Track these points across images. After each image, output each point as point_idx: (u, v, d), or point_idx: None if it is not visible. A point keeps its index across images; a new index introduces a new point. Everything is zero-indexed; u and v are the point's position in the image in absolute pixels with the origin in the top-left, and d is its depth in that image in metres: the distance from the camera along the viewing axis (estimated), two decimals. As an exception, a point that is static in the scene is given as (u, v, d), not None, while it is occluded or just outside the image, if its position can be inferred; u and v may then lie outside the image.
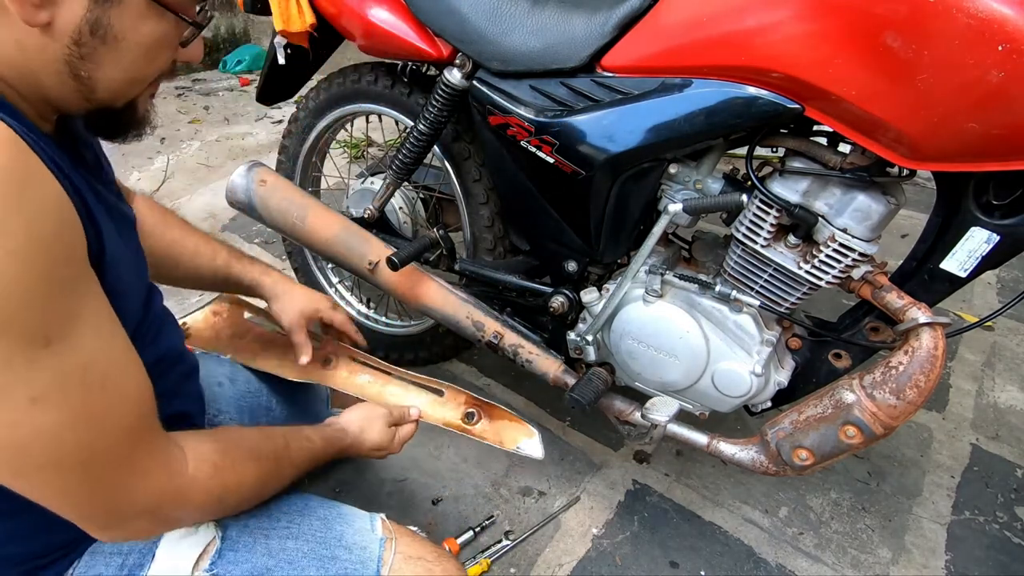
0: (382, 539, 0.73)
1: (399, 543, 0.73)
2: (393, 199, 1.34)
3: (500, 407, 1.05)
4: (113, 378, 0.52)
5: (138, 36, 0.51)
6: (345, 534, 0.73)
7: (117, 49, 0.51)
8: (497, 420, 1.05)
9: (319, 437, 0.81)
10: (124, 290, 0.59)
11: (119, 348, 0.54)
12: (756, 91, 0.81)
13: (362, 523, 0.75)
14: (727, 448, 1.02)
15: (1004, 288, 1.96)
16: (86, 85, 0.52)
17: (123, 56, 0.51)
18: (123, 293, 0.58)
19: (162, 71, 0.57)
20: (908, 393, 0.83)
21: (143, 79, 0.56)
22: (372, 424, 0.90)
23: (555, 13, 0.97)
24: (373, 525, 0.75)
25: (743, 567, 1.16)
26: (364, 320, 1.58)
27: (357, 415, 0.91)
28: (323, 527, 0.72)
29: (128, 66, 0.53)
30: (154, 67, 0.55)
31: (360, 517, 0.76)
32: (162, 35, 0.53)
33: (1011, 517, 1.26)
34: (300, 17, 1.18)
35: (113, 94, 0.54)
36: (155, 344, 0.71)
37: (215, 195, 2.39)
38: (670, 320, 0.99)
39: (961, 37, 0.65)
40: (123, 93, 0.55)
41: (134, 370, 0.56)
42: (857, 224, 0.84)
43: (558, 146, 0.98)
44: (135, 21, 0.50)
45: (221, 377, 0.98)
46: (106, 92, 0.53)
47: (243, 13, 3.78)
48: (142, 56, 0.53)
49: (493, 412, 1.05)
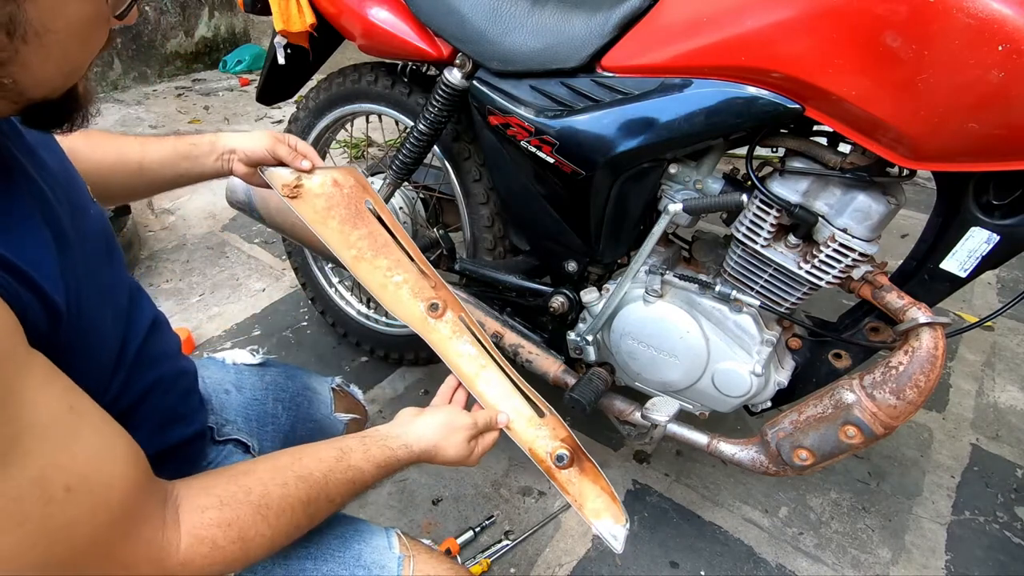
0: (400, 557, 0.72)
1: (416, 560, 0.72)
2: (393, 199, 1.34)
3: (595, 465, 0.88)
4: (79, 477, 0.46)
5: (64, 23, 0.43)
6: (363, 553, 0.72)
7: (43, 45, 0.43)
8: (587, 477, 0.88)
9: (372, 465, 0.69)
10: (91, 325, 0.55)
11: (84, 438, 0.48)
12: (756, 91, 0.81)
13: (379, 540, 0.74)
14: (727, 448, 1.02)
15: (1004, 288, 1.96)
16: (12, 91, 0.44)
17: (52, 50, 0.44)
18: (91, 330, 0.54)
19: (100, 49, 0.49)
20: (908, 393, 0.83)
21: (81, 66, 0.48)
22: (453, 437, 0.77)
23: (555, 13, 0.97)
24: (390, 542, 0.74)
25: (743, 567, 1.16)
26: (364, 320, 1.58)
27: (435, 424, 0.77)
28: (341, 546, 0.71)
29: (60, 59, 0.45)
30: (90, 49, 0.47)
31: (377, 534, 0.75)
32: (92, 12, 0.45)
33: (1011, 517, 1.26)
34: (300, 17, 1.18)
35: (49, 91, 0.47)
36: (146, 369, 0.67)
37: (215, 195, 2.39)
38: (670, 320, 0.99)
39: (961, 37, 0.65)
40: (61, 85, 0.48)
41: (107, 455, 0.49)
42: (857, 224, 0.84)
43: (558, 146, 0.98)
44: (56, 8, 0.42)
45: (228, 385, 0.97)
46: (39, 91, 0.46)
47: (243, 13, 3.79)
48: (74, 43, 0.45)
49: (585, 466, 0.88)
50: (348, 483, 0.66)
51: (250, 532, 0.56)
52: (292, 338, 1.72)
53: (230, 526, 0.55)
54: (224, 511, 0.56)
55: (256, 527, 0.57)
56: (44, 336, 0.49)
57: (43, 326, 0.49)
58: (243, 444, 0.89)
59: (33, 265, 0.47)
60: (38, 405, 0.45)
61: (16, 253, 0.46)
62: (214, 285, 1.93)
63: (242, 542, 0.56)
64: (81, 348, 0.55)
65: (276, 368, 1.10)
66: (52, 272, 0.50)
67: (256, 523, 0.57)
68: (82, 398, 0.50)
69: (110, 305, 0.62)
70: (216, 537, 0.54)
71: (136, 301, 0.71)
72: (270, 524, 0.58)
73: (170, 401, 0.73)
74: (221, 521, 0.55)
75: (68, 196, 0.59)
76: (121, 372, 0.63)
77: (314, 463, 0.65)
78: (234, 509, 0.56)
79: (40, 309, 0.48)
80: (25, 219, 0.50)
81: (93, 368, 0.58)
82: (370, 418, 1.36)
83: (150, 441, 0.68)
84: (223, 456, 0.85)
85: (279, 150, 0.88)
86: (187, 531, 0.53)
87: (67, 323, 0.51)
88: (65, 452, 0.46)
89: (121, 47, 3.43)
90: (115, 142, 0.82)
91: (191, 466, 0.80)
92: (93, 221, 0.63)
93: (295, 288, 1.89)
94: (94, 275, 0.59)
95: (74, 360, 0.53)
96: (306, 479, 0.63)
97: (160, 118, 3.11)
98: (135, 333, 0.68)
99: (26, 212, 0.50)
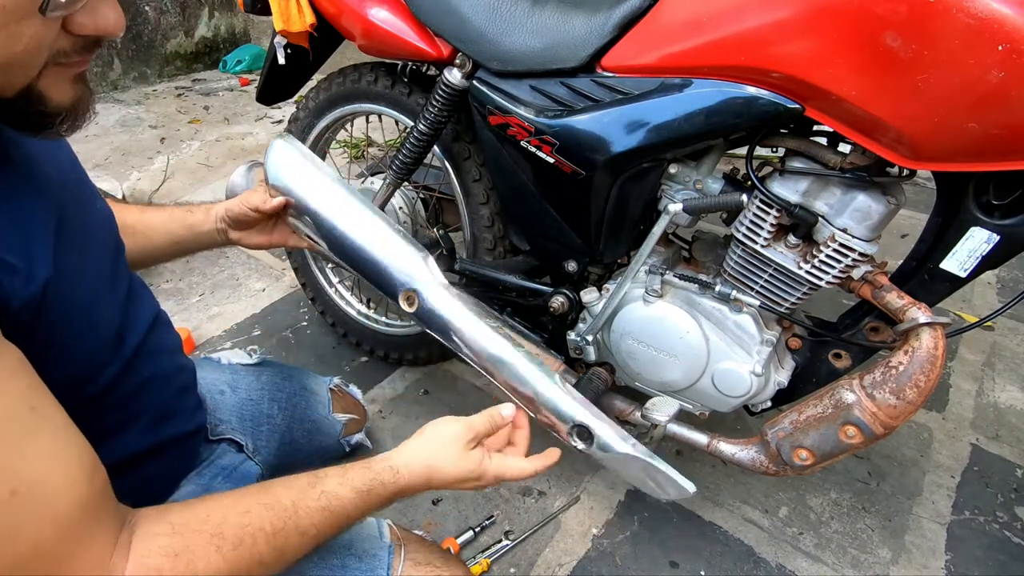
0: (390, 546, 0.73)
1: (407, 549, 0.73)
2: (393, 199, 1.34)
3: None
4: (28, 481, 0.44)
5: None
6: (354, 542, 0.72)
7: None
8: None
9: (350, 489, 0.62)
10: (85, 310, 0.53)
11: (39, 442, 0.45)
12: (756, 91, 0.81)
13: (370, 530, 0.74)
14: (727, 448, 1.02)
15: (1004, 288, 1.96)
16: None
17: None
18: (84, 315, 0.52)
19: (63, 50, 0.46)
20: (908, 393, 0.83)
21: (19, 62, 0.44)
22: (447, 451, 0.67)
23: (555, 13, 0.97)
24: (381, 532, 0.74)
25: (743, 567, 1.16)
26: (364, 320, 1.58)
27: (423, 441, 0.68)
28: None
29: None
30: (24, 46, 0.43)
31: (368, 524, 0.75)
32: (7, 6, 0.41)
33: (1011, 517, 1.26)
34: (300, 17, 1.18)
35: None
36: (144, 362, 0.67)
37: (215, 195, 2.39)
38: (670, 320, 0.99)
39: (961, 37, 0.65)
40: (4, 82, 0.45)
41: (61, 464, 0.46)
42: (857, 224, 0.84)
43: (558, 146, 0.98)
44: None
45: (223, 385, 0.97)
46: None
47: (243, 13, 3.78)
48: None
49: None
50: (322, 511, 0.59)
51: (200, 564, 0.51)
52: (292, 338, 1.72)
53: (178, 556, 0.50)
54: (174, 539, 0.51)
55: (208, 558, 0.52)
56: (31, 313, 0.48)
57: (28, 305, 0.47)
58: (236, 443, 0.90)
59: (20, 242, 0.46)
60: None
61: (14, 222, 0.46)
62: (214, 285, 1.93)
63: (191, 574, 0.51)
64: (71, 329, 0.54)
65: (273, 368, 1.10)
66: (45, 247, 0.49)
67: (208, 554, 0.52)
68: (47, 400, 0.47)
69: (108, 293, 0.62)
70: (162, 567, 0.50)
71: (137, 296, 0.71)
72: (224, 556, 0.52)
73: (167, 396, 0.74)
74: (169, 550, 0.50)
75: (75, 188, 0.60)
76: (118, 361, 0.64)
77: (283, 490, 0.59)
78: (185, 538, 0.52)
79: (23, 287, 0.47)
80: (18, 200, 0.49)
81: (83, 352, 0.57)
82: (369, 418, 1.36)
83: (147, 433, 0.69)
84: (216, 454, 0.85)
85: (252, 200, 0.88)
86: (134, 559, 0.49)
87: (55, 302, 0.50)
88: (15, 452, 0.44)
89: (121, 47, 3.42)
90: (115, 205, 0.81)
91: (186, 462, 0.81)
92: (99, 214, 0.64)
93: (295, 288, 1.89)
94: (94, 262, 0.60)
95: (63, 340, 0.53)
96: (271, 506, 0.57)
97: (160, 118, 3.11)
98: (134, 326, 0.68)
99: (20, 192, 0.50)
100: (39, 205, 0.53)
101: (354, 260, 0.89)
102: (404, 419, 1.48)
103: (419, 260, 0.84)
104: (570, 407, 0.72)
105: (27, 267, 0.48)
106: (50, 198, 0.54)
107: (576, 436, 0.71)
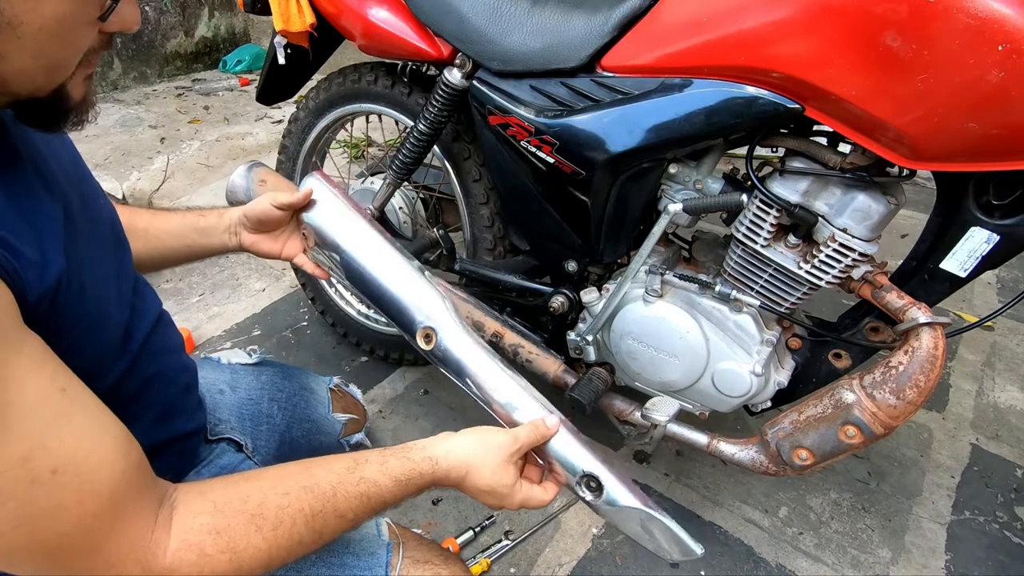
0: (389, 544, 0.73)
1: (406, 547, 0.73)
2: (393, 199, 1.34)
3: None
4: (67, 459, 0.45)
5: (39, 19, 0.42)
6: (353, 540, 0.72)
7: (18, 37, 0.42)
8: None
9: (389, 479, 0.62)
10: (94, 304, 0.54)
11: (74, 422, 0.47)
12: (756, 91, 0.81)
13: (368, 528, 0.74)
14: (727, 448, 1.02)
15: (1004, 288, 1.96)
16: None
17: (28, 43, 0.43)
18: (93, 309, 0.53)
19: (92, 49, 0.48)
20: (908, 393, 0.83)
21: (63, 64, 0.47)
22: (490, 457, 0.65)
23: (555, 13, 0.97)
24: (380, 530, 0.74)
25: (743, 567, 1.16)
26: (364, 320, 1.58)
27: (469, 442, 0.67)
28: None
29: (37, 53, 0.44)
30: (72, 49, 0.46)
31: (367, 523, 0.75)
32: (69, 14, 0.44)
33: (1011, 517, 1.26)
34: (300, 17, 1.19)
35: (32, 85, 0.46)
36: (149, 359, 0.67)
37: (215, 195, 2.39)
38: (670, 320, 0.99)
39: (961, 37, 0.65)
40: (44, 82, 0.47)
41: (97, 441, 0.48)
42: (857, 224, 0.84)
43: (558, 146, 0.98)
44: (32, 2, 0.42)
45: (222, 384, 0.97)
46: (21, 85, 0.46)
47: (243, 13, 3.78)
48: (50, 40, 0.44)
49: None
50: (360, 497, 0.60)
51: (241, 543, 0.53)
52: (292, 338, 1.72)
53: (220, 534, 0.52)
54: (216, 517, 0.53)
55: (248, 538, 0.54)
56: (45, 307, 0.49)
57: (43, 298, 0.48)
58: (236, 443, 0.90)
59: (34, 236, 0.47)
60: (26, 384, 0.44)
61: (15, 231, 0.46)
62: (214, 285, 1.93)
63: (232, 552, 0.52)
64: (81, 324, 0.55)
65: (273, 368, 1.10)
66: (55, 241, 0.50)
67: (249, 533, 0.54)
68: (75, 382, 0.49)
69: (114, 289, 0.63)
70: (204, 544, 0.52)
71: (142, 293, 0.72)
72: (264, 536, 0.54)
73: (171, 394, 0.74)
74: (211, 528, 0.52)
75: (78, 184, 0.60)
76: (125, 357, 0.64)
77: (323, 473, 0.61)
78: (227, 516, 0.54)
79: (38, 281, 0.48)
80: (29, 195, 0.50)
81: (92, 347, 0.58)
82: (369, 418, 1.36)
83: (150, 431, 0.69)
84: (215, 454, 0.85)
85: (279, 197, 0.86)
86: (177, 535, 0.51)
87: (67, 295, 0.51)
88: (53, 433, 0.45)
89: (121, 47, 3.43)
90: (126, 208, 0.82)
91: (186, 461, 0.81)
92: (102, 210, 0.65)
93: (295, 288, 1.89)
94: (100, 257, 0.61)
95: (74, 334, 0.54)
96: (311, 490, 0.59)
97: (160, 118, 3.11)
98: (141, 323, 0.69)
99: (31, 188, 0.51)
100: (48, 201, 0.53)
101: (374, 295, 0.90)
102: (404, 419, 1.48)
103: (439, 301, 0.85)
104: (580, 456, 0.71)
105: (41, 261, 0.49)
106: (57, 194, 0.55)
107: (584, 487, 0.70)
